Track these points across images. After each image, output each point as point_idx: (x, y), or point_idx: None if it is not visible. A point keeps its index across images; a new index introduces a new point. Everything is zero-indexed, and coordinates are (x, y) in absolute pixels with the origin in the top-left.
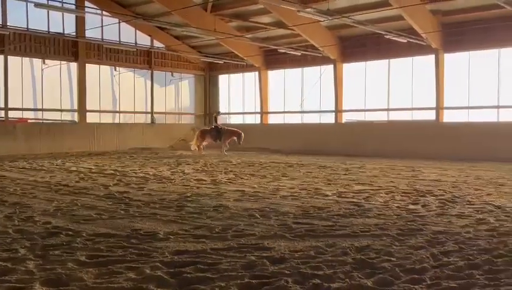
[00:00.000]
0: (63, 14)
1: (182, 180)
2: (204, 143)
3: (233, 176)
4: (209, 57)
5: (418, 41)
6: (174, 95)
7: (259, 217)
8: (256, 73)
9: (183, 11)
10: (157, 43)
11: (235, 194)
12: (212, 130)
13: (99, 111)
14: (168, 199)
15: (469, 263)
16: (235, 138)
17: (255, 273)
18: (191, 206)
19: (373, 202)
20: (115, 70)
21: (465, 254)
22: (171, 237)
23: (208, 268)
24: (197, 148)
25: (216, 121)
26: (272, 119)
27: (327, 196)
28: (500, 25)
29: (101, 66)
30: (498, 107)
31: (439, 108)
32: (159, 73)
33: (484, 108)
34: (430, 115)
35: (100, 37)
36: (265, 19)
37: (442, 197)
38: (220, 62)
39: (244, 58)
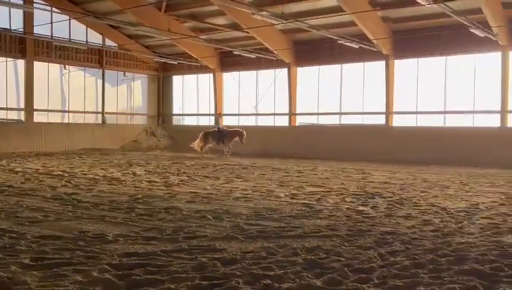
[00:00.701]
0: (10, 10)
1: (132, 181)
2: (208, 145)
3: (186, 177)
4: (163, 57)
5: (370, 47)
6: (126, 95)
7: (211, 218)
8: (211, 74)
9: (137, 9)
10: (109, 42)
11: (188, 195)
12: (215, 132)
13: (48, 110)
14: (118, 200)
15: (414, 263)
16: (237, 138)
17: (206, 274)
18: (141, 208)
19: (324, 204)
20: (65, 68)
21: (411, 254)
22: (120, 239)
23: (157, 270)
24: (199, 150)
25: (218, 123)
26: (227, 121)
27: (280, 197)
28: (447, 33)
29: (50, 64)
30: (445, 112)
31: (388, 113)
32: (110, 72)
33: (431, 113)
34: (380, 120)
35: (49, 34)
36: (221, 21)
37: (391, 199)
38: (174, 63)
39: (199, 59)
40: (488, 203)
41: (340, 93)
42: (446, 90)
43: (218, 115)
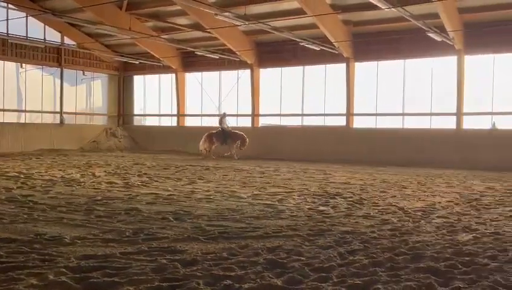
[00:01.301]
0: None
1: (92, 183)
2: (213, 147)
3: (147, 179)
4: (124, 56)
5: (331, 50)
6: (86, 95)
7: (172, 220)
8: (173, 75)
9: (97, 8)
10: (68, 40)
11: (149, 197)
12: (219, 132)
13: (3, 110)
14: (76, 202)
15: (373, 261)
16: (238, 141)
17: (166, 276)
18: (100, 209)
19: (286, 204)
20: (21, 67)
21: (370, 253)
22: (78, 241)
23: (116, 273)
24: (205, 152)
25: (222, 123)
26: (189, 122)
27: (242, 198)
28: (406, 37)
29: (5, 62)
30: (403, 114)
31: (349, 114)
32: (69, 71)
33: (390, 115)
34: (341, 121)
35: (5, 31)
36: (183, 21)
37: (351, 199)
38: (135, 62)
39: (161, 59)
40: (444, 203)
41: (302, 95)
42: (404, 93)
43: (222, 115)
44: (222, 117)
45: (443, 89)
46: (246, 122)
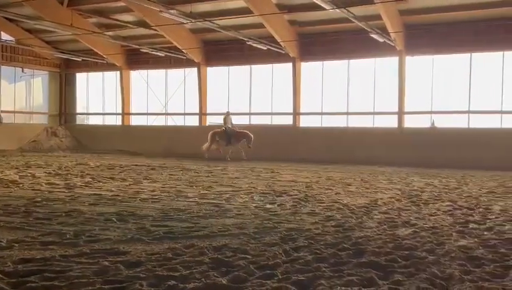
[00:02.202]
0: None
1: (31, 184)
2: (214, 146)
3: (90, 179)
4: (66, 53)
5: (278, 50)
6: (25, 93)
7: (116, 221)
8: (118, 72)
9: (36, 2)
10: (5, 36)
11: (91, 198)
12: (222, 132)
13: None
14: (14, 204)
15: (317, 257)
16: (244, 140)
17: (108, 278)
18: (40, 211)
19: (233, 203)
20: None
21: (314, 249)
22: (15, 245)
23: (55, 276)
24: (207, 151)
25: (226, 123)
26: (134, 121)
27: (188, 197)
28: (349, 37)
29: None
30: (347, 113)
31: (295, 113)
32: (7, 68)
33: (335, 114)
34: (288, 120)
35: None
36: (127, 17)
37: (297, 197)
38: (77, 59)
39: (105, 56)
40: (386, 199)
41: (249, 94)
42: (349, 92)
43: (226, 114)
44: (226, 116)
45: (386, 89)
46: (193, 121)
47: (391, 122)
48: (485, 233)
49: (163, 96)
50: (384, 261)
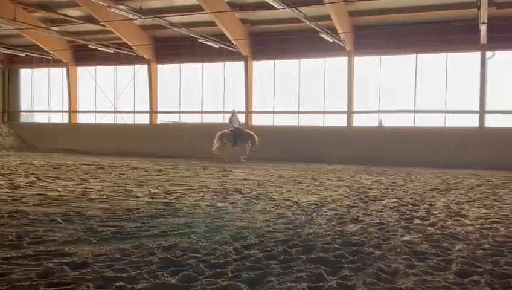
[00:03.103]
0: None
1: None
2: (225, 147)
3: (35, 179)
4: (9, 48)
5: (230, 48)
6: None
7: (61, 221)
8: (65, 69)
9: None
10: None
11: (36, 198)
12: (229, 132)
13: None
14: None
15: (267, 254)
16: (249, 142)
17: (53, 280)
18: None
19: (184, 202)
20: None
21: (264, 246)
22: None
23: None
24: (217, 152)
25: (232, 122)
26: (82, 119)
27: (138, 197)
28: (300, 37)
29: None
30: (298, 112)
31: (248, 112)
32: None
33: (287, 113)
34: (240, 118)
35: None
36: (75, 12)
37: (248, 195)
38: (21, 55)
39: (51, 52)
40: (335, 196)
41: (201, 92)
42: (300, 91)
43: (232, 113)
44: (232, 115)
45: (335, 88)
46: (144, 120)
47: (341, 121)
48: (429, 228)
49: (112, 94)
50: (332, 257)
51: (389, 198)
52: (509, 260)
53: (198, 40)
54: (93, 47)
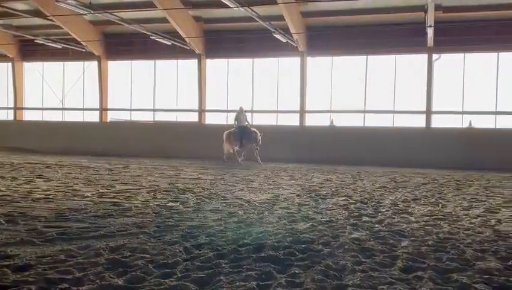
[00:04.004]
0: None
1: None
2: (228, 148)
3: None
4: None
5: (183, 45)
6: None
7: (3, 222)
8: (9, 64)
9: None
10: None
11: None
12: (236, 132)
13: None
14: None
15: (217, 254)
16: (254, 143)
17: None
18: None
19: (134, 201)
20: None
21: (215, 246)
22: None
23: None
24: (228, 153)
25: (240, 120)
26: (28, 116)
27: (86, 197)
28: (254, 36)
29: None
30: (252, 111)
31: (201, 110)
32: None
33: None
34: (194, 117)
35: None
36: (21, 6)
37: (200, 194)
38: None
39: None
40: (287, 194)
41: (153, 89)
42: (254, 91)
43: (239, 111)
44: (238, 113)
45: (289, 88)
46: (94, 117)
47: (294, 120)
48: (376, 225)
49: (60, 91)
50: (282, 255)
51: (339, 196)
52: (452, 256)
53: (151, 37)
54: (41, 42)
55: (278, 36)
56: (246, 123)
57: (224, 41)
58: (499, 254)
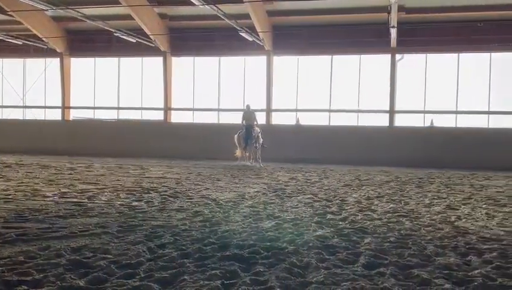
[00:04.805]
0: None
1: None
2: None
3: None
4: None
5: (148, 43)
6: None
7: None
8: None
9: None
10: None
11: None
12: (245, 131)
13: None
14: None
15: (182, 253)
16: (256, 143)
17: None
18: None
19: (96, 201)
20: None
21: (180, 245)
22: None
23: None
24: (244, 154)
25: (248, 119)
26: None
27: (47, 197)
28: (221, 34)
29: None
30: (218, 110)
31: (167, 108)
32: None
33: (207, 110)
34: (159, 115)
35: None
36: None
37: (165, 193)
38: None
39: None
40: (253, 193)
41: (118, 87)
42: (220, 89)
43: (247, 108)
44: (245, 112)
45: (256, 87)
46: (56, 115)
47: (260, 119)
48: (340, 223)
49: (21, 88)
50: (247, 253)
51: (304, 194)
52: (413, 252)
53: (115, 34)
54: (0, 38)
55: (244, 35)
56: (255, 123)
57: (190, 39)
58: (458, 249)
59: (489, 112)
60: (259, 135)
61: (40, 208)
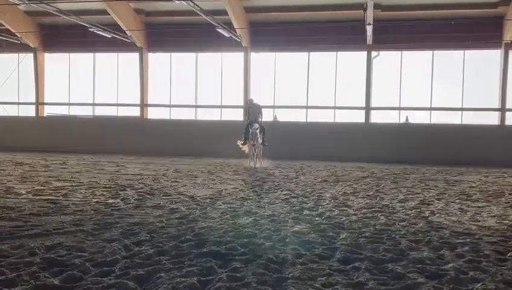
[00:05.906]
0: None
1: None
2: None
3: None
4: None
5: (123, 38)
6: None
7: None
8: None
9: None
10: None
11: None
12: (245, 128)
13: None
14: None
15: (158, 250)
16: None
17: None
18: None
19: (71, 199)
20: None
21: (156, 242)
22: None
23: None
24: (248, 150)
25: (249, 115)
26: None
27: (20, 194)
28: (198, 30)
29: None
30: (196, 106)
31: (143, 105)
32: None
33: (183, 107)
34: (135, 111)
35: None
36: None
37: (142, 190)
38: None
39: None
40: (230, 189)
41: (93, 83)
42: (197, 85)
43: (249, 103)
44: (248, 107)
45: (233, 83)
46: (30, 112)
47: (238, 116)
48: (317, 219)
49: None
50: (224, 250)
51: (281, 190)
52: (388, 246)
53: (90, 29)
54: None
55: (221, 31)
56: (260, 120)
57: (167, 34)
58: (431, 244)
59: (462, 109)
60: (257, 131)
61: (13, 206)
